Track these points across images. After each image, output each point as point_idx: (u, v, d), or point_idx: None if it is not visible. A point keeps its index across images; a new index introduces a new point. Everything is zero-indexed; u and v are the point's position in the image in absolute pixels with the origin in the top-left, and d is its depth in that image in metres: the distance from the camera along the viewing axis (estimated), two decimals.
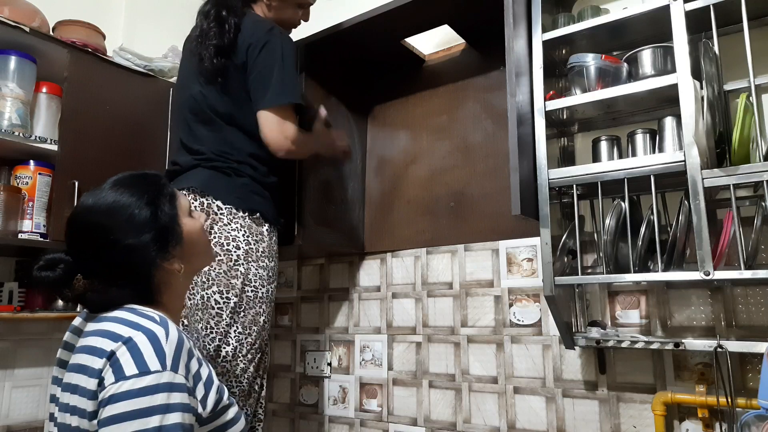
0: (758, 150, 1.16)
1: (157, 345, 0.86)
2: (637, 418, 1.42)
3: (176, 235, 0.98)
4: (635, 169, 1.24)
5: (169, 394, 0.83)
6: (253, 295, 1.41)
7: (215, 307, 1.36)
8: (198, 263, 1.08)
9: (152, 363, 0.84)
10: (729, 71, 1.32)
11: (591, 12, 1.47)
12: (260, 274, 1.43)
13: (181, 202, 1.03)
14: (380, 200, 2.02)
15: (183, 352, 0.88)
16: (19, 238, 1.63)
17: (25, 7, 1.75)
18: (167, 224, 0.97)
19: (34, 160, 1.70)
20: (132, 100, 1.89)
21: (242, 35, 1.46)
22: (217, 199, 1.41)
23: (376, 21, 1.68)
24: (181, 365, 0.87)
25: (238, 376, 1.37)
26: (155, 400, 0.81)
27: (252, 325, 1.40)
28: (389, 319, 1.93)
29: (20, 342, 1.86)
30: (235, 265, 1.39)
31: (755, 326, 1.30)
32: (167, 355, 0.85)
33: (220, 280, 1.37)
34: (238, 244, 1.40)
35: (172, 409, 0.82)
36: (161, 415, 0.81)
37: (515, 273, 1.69)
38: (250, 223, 1.43)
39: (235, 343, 1.37)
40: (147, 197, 0.96)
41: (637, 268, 1.23)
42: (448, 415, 1.74)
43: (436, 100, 1.95)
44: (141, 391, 0.81)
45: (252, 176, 1.47)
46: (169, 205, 0.99)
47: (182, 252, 1.00)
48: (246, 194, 1.45)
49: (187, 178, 1.45)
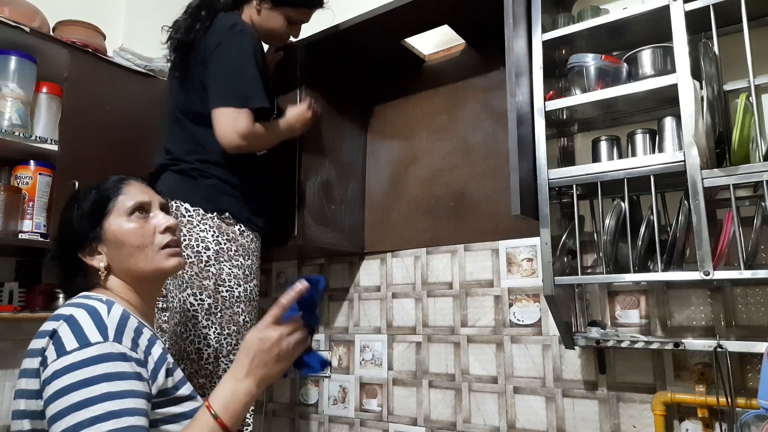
0: (758, 150, 1.16)
1: (98, 318, 0.87)
2: (637, 418, 1.42)
3: (95, 233, 1.02)
4: (635, 169, 1.24)
5: (114, 363, 0.83)
6: (229, 295, 1.40)
7: (191, 310, 1.37)
8: (136, 264, 1.03)
9: (93, 335, 0.85)
10: (729, 71, 1.32)
11: (591, 12, 1.47)
12: (235, 273, 1.42)
13: (118, 203, 1.04)
14: (380, 200, 2.02)
15: (128, 327, 0.89)
16: (19, 238, 1.63)
17: (25, 7, 1.75)
18: (82, 223, 1.02)
19: (34, 160, 1.70)
20: (132, 100, 1.89)
21: (210, 33, 1.46)
22: (185, 201, 1.42)
23: (376, 21, 1.68)
24: (125, 338, 0.88)
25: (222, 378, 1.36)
26: (98, 369, 0.82)
27: (230, 325, 1.39)
28: (389, 319, 1.93)
29: (20, 342, 1.86)
30: (206, 266, 1.38)
31: (755, 326, 1.30)
32: (109, 327, 0.87)
33: (192, 282, 1.37)
34: (207, 245, 1.39)
35: (120, 377, 0.82)
36: (109, 382, 0.81)
37: (515, 273, 1.69)
38: (220, 224, 1.42)
39: (215, 344, 1.36)
40: (74, 198, 1.06)
41: (637, 268, 1.23)
42: (448, 415, 1.74)
43: (436, 100, 1.95)
44: (84, 362, 0.82)
45: (219, 176, 1.45)
46: (92, 205, 1.03)
47: (109, 251, 1.02)
48: (213, 195, 1.44)
49: (160, 182, 1.47)
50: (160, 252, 1.04)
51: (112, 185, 1.06)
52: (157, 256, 1.04)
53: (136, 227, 1.03)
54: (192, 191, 1.43)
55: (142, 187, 1.09)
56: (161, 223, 1.06)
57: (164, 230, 1.06)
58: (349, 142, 2.01)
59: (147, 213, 1.06)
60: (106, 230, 1.02)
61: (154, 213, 1.07)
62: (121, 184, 1.07)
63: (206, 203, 1.42)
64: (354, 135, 2.03)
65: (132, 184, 1.08)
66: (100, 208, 1.03)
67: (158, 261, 1.04)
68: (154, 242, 1.04)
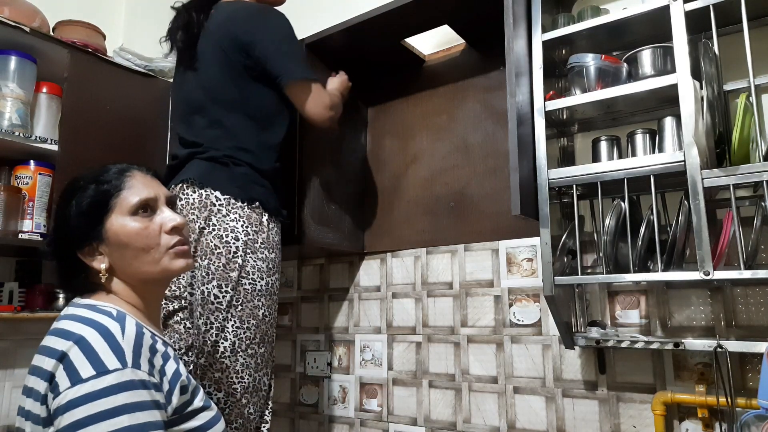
0: (758, 150, 1.16)
1: (113, 341, 0.81)
2: (637, 418, 1.42)
3: (95, 233, 0.94)
4: (635, 169, 1.24)
5: (134, 392, 0.78)
6: (251, 288, 1.36)
7: (214, 302, 1.33)
8: (140, 266, 0.96)
9: (110, 361, 0.79)
10: (729, 71, 1.32)
11: (591, 12, 1.47)
12: (259, 266, 1.38)
13: (120, 200, 0.95)
14: (380, 200, 2.02)
15: (144, 347, 0.84)
16: (19, 238, 1.63)
17: (25, 7, 1.75)
18: (80, 221, 0.94)
19: (34, 160, 1.70)
20: (132, 100, 1.89)
21: (235, 21, 1.46)
22: (216, 189, 1.37)
23: (376, 21, 1.68)
24: (143, 361, 0.82)
25: (238, 372, 1.33)
26: (119, 399, 0.76)
27: (250, 319, 1.35)
28: (389, 319, 1.93)
29: (20, 342, 1.86)
30: (233, 257, 1.34)
31: (755, 326, 1.30)
32: (125, 351, 0.81)
33: (219, 273, 1.33)
34: (237, 235, 1.36)
35: (140, 407, 0.77)
36: (129, 414, 0.76)
37: (515, 273, 1.69)
38: (250, 213, 1.39)
39: (232, 338, 1.33)
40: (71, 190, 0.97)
41: (637, 268, 1.23)
42: (448, 415, 1.74)
43: (436, 100, 1.95)
44: (102, 392, 0.76)
45: (251, 164, 1.43)
46: (91, 201, 0.94)
47: (111, 252, 0.94)
48: (245, 183, 1.41)
49: (186, 171, 1.43)
50: (167, 253, 0.97)
51: (114, 177, 0.97)
52: (164, 258, 0.96)
53: (140, 228, 0.95)
54: (224, 179, 1.39)
55: (146, 180, 1.00)
56: (168, 222, 0.98)
57: (171, 230, 0.98)
58: (349, 142, 2.01)
59: (153, 211, 0.98)
60: (108, 230, 0.93)
61: (160, 210, 0.99)
62: (123, 176, 0.98)
63: (238, 191, 1.39)
64: (354, 135, 2.04)
65: (135, 176, 0.99)
66: (101, 205, 0.94)
67: (165, 262, 0.97)
68: (161, 243, 0.96)
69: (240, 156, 1.42)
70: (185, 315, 1.39)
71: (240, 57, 1.44)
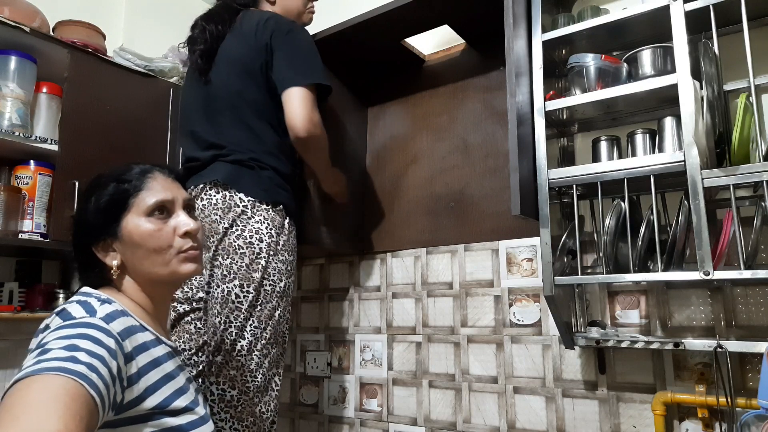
0: (758, 150, 1.16)
1: (89, 308, 0.86)
2: (637, 418, 1.42)
3: (111, 230, 0.96)
4: (635, 169, 1.24)
5: (96, 330, 0.80)
6: (271, 289, 1.39)
7: (235, 301, 1.35)
8: (151, 267, 0.98)
9: (80, 314, 0.85)
10: (729, 71, 1.32)
11: (591, 12, 1.47)
12: (279, 268, 1.41)
13: (138, 200, 0.97)
14: (380, 200, 2.02)
15: (121, 321, 0.87)
16: (19, 238, 1.62)
17: (25, 7, 1.75)
18: (97, 218, 0.97)
19: (34, 160, 1.70)
20: (132, 100, 1.89)
21: (264, 28, 1.48)
22: (241, 191, 1.40)
23: (376, 21, 1.68)
24: (118, 324, 0.85)
25: (252, 371, 1.35)
26: (79, 329, 0.80)
27: (268, 320, 1.38)
28: (389, 319, 1.93)
29: (20, 342, 1.86)
30: (257, 258, 1.37)
31: (755, 326, 1.31)
32: (98, 312, 0.86)
33: (242, 273, 1.35)
34: (261, 237, 1.38)
35: (96, 341, 0.78)
36: (84, 339, 0.78)
37: (515, 273, 1.69)
38: (274, 216, 1.42)
39: (250, 337, 1.35)
40: (94, 186, 1.00)
41: (637, 268, 1.23)
42: (448, 415, 1.74)
43: (436, 100, 1.95)
44: (69, 325, 0.81)
45: (276, 168, 1.45)
46: (109, 199, 0.97)
47: (123, 249, 0.97)
48: (271, 187, 1.43)
49: (209, 172, 1.44)
50: (177, 256, 0.98)
51: (135, 177, 0.99)
52: (174, 261, 0.98)
53: (154, 229, 0.96)
54: (250, 182, 1.41)
55: (167, 182, 1.01)
56: (182, 226, 0.99)
57: (184, 234, 0.99)
58: (349, 142, 2.01)
59: (168, 213, 0.99)
60: (123, 228, 0.96)
61: (176, 213, 1.00)
62: (144, 177, 0.99)
63: (264, 194, 1.41)
64: (354, 135, 2.03)
65: (156, 177, 1.00)
66: (119, 204, 0.97)
67: (174, 265, 0.98)
68: (173, 246, 0.98)
69: (265, 159, 1.45)
70: (197, 316, 1.41)
71: (264, 59, 1.47)
